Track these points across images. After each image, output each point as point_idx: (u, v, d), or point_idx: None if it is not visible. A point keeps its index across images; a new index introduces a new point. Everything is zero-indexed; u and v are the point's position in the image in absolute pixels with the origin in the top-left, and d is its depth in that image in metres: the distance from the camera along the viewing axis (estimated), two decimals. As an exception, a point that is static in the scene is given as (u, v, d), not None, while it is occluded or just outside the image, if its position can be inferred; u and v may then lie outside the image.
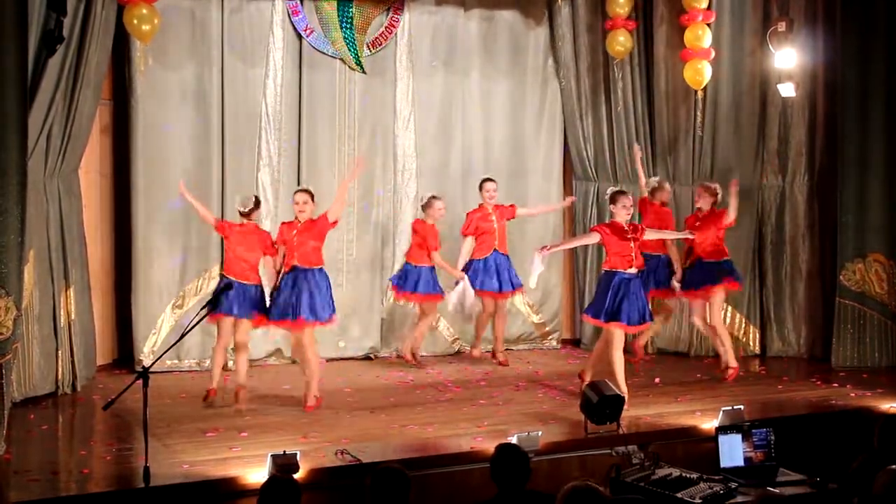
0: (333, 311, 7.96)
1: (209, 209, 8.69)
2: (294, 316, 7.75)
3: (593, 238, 8.30)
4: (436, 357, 10.00)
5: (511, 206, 9.63)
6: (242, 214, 7.95)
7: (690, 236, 8.96)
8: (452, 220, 9.83)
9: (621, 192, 8.16)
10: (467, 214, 9.58)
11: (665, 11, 10.17)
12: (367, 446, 6.72)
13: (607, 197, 8.27)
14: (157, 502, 5.64)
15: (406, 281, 9.37)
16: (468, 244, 9.46)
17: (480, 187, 9.54)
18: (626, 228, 8.00)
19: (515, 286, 9.54)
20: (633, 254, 7.96)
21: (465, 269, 9.39)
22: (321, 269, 7.99)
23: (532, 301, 10.55)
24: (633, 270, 7.98)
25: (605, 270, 8.07)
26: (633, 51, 10.25)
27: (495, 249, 9.44)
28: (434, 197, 9.42)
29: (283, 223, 8.19)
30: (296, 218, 8.00)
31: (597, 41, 10.35)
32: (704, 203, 9.10)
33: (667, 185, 9.71)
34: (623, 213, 8.01)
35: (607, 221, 8.33)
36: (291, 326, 7.90)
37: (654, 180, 9.71)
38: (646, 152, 10.41)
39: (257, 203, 8.07)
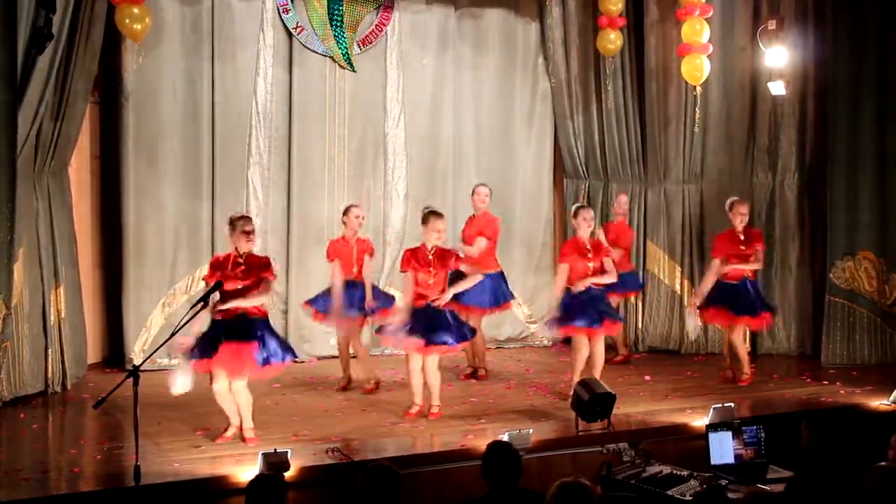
0: None
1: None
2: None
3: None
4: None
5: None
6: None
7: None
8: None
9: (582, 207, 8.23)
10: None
11: (657, 9, 10.17)
12: (357, 444, 6.72)
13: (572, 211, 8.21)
14: (147, 501, 5.62)
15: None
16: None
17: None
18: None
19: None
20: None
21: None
22: None
23: (522, 299, 10.54)
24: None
25: None
26: (624, 48, 10.25)
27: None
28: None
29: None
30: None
31: (587, 39, 10.35)
32: (741, 221, 8.65)
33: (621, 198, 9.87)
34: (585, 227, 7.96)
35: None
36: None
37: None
38: (636, 150, 10.43)
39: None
